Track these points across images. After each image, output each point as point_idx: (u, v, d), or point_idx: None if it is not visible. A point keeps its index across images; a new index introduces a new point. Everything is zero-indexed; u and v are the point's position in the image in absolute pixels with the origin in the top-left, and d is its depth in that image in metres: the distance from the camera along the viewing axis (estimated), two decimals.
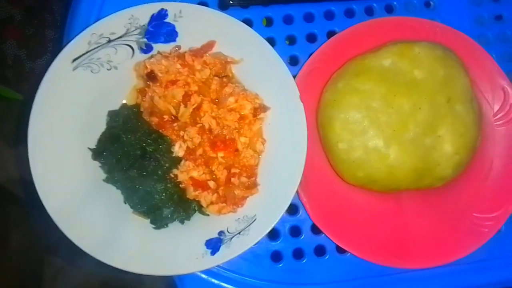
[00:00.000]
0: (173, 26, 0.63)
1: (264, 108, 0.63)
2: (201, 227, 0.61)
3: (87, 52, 0.61)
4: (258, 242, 0.58)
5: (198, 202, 0.61)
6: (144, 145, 0.60)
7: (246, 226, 0.59)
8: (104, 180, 0.61)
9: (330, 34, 0.71)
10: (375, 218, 0.66)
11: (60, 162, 0.59)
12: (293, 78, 0.61)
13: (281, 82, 0.62)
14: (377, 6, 0.73)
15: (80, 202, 0.59)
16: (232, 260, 0.58)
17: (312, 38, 0.71)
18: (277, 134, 0.63)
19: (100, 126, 0.63)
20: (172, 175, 0.61)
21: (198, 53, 0.63)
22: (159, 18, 0.62)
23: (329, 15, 0.72)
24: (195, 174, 0.60)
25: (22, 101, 1.16)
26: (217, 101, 0.63)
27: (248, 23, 0.63)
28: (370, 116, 0.60)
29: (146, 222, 0.61)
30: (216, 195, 0.61)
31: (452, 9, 0.74)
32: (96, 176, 0.61)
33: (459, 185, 0.66)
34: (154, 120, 0.62)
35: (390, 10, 0.73)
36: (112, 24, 0.61)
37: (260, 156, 0.63)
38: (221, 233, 0.59)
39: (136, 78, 0.64)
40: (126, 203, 0.61)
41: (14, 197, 1.23)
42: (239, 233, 0.59)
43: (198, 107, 0.62)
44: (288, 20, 0.72)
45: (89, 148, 0.61)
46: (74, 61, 0.60)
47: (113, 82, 0.63)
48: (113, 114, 0.63)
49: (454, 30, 0.68)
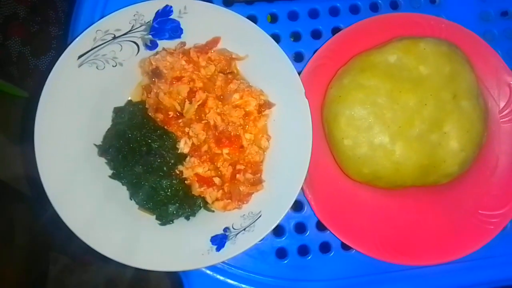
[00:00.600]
0: (178, 23, 0.63)
1: (269, 104, 0.63)
2: (206, 223, 0.61)
3: (93, 48, 0.61)
4: (263, 239, 0.59)
5: (204, 198, 0.61)
6: (149, 141, 0.60)
7: (251, 222, 0.59)
8: (110, 176, 0.61)
9: (335, 30, 0.71)
10: (380, 214, 0.66)
11: (66, 158, 0.59)
12: (298, 74, 0.61)
13: (286, 79, 0.62)
14: (382, 2, 0.73)
15: (86, 198, 0.59)
16: (237, 256, 0.58)
17: (317, 35, 0.71)
18: (282, 130, 0.63)
19: (105, 122, 0.63)
20: (177, 172, 0.61)
21: (203, 49, 0.63)
22: (164, 14, 0.62)
23: (334, 12, 0.72)
24: (200, 170, 0.61)
25: (27, 98, 1.16)
26: (222, 97, 0.63)
27: (252, 20, 0.63)
28: (376, 112, 0.60)
29: (151, 218, 0.61)
30: (221, 192, 0.61)
31: (457, 5, 0.74)
32: (102, 172, 0.61)
33: (465, 182, 0.66)
34: (159, 116, 0.62)
35: (395, 7, 0.73)
36: (117, 20, 0.61)
37: (265, 152, 0.63)
38: (226, 229, 0.59)
39: (141, 74, 0.65)
40: (132, 199, 0.62)
41: (19, 194, 1.23)
42: (244, 229, 0.59)
43: (203, 104, 0.62)
44: (292, 16, 0.72)
45: (95, 144, 0.61)
46: (79, 57, 0.60)
47: (118, 79, 0.63)
48: (118, 111, 0.63)
49: (460, 26, 0.68)
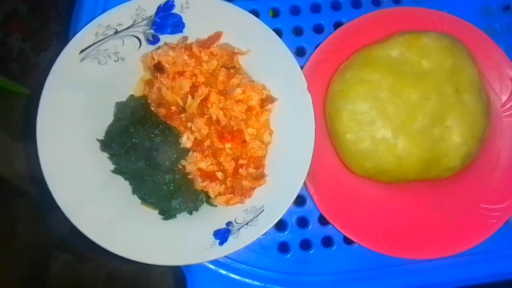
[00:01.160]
0: (179, 17, 0.63)
1: (271, 99, 0.63)
2: (209, 218, 0.61)
3: (94, 43, 0.61)
4: (266, 233, 0.59)
5: (206, 193, 0.61)
6: (152, 136, 0.60)
7: (254, 216, 0.59)
8: (112, 171, 0.62)
9: (337, 25, 0.70)
10: (383, 209, 0.66)
11: (68, 154, 0.59)
12: (300, 69, 0.61)
13: (288, 73, 0.61)
14: None
15: (88, 193, 0.59)
16: (240, 250, 0.58)
17: (319, 29, 0.71)
18: (284, 125, 0.63)
19: (107, 117, 0.63)
20: (180, 166, 0.61)
21: (205, 44, 0.63)
22: (166, 9, 0.62)
23: (336, 6, 0.72)
24: (203, 165, 0.61)
25: (28, 95, 1.16)
26: (224, 92, 0.63)
27: (254, 14, 0.62)
28: (378, 106, 0.60)
29: (154, 213, 0.61)
30: (224, 186, 0.61)
31: None
32: (104, 167, 0.61)
33: (467, 176, 0.66)
34: (162, 111, 0.62)
35: (397, 1, 0.73)
36: (119, 15, 0.61)
37: (267, 147, 0.63)
38: (229, 223, 0.59)
39: (143, 69, 0.64)
40: (134, 194, 0.62)
41: (21, 191, 1.23)
42: (247, 223, 0.59)
43: (206, 98, 0.62)
44: (294, 11, 0.71)
45: (97, 139, 0.61)
46: (81, 52, 0.60)
47: (120, 74, 0.63)
48: (120, 106, 0.63)
49: (462, 21, 0.68)
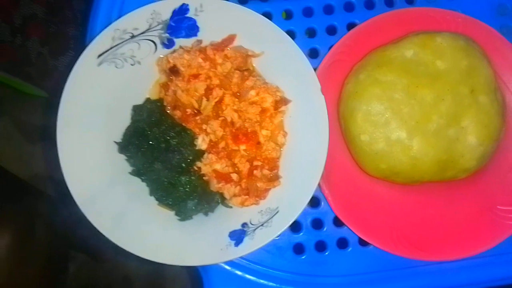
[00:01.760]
0: (194, 21, 0.63)
1: (285, 101, 0.63)
2: (224, 219, 0.62)
3: (112, 47, 0.62)
4: (281, 234, 0.59)
5: (221, 194, 0.62)
6: (168, 138, 0.61)
7: (269, 218, 0.60)
8: (130, 173, 0.63)
9: (350, 26, 0.70)
10: (398, 210, 0.66)
11: (88, 155, 0.61)
12: (314, 70, 0.61)
13: (302, 75, 0.62)
14: None
15: (107, 194, 0.60)
16: (255, 251, 0.58)
17: (332, 31, 0.71)
18: (298, 126, 0.63)
19: (124, 120, 0.64)
20: (195, 168, 0.62)
21: (219, 47, 0.64)
22: (181, 13, 0.63)
23: (349, 7, 0.72)
24: (218, 166, 0.61)
25: (45, 98, 1.18)
26: (238, 94, 0.63)
27: (267, 16, 0.63)
28: (393, 107, 0.60)
29: (171, 214, 0.62)
30: (239, 188, 0.61)
31: None
32: (122, 169, 0.62)
33: (483, 177, 0.66)
34: (177, 113, 0.63)
35: (410, 1, 0.73)
36: (135, 19, 0.62)
37: (281, 148, 0.63)
38: (244, 224, 0.60)
39: (158, 72, 0.65)
40: (151, 196, 0.63)
41: (38, 192, 1.25)
42: (262, 225, 0.59)
43: (220, 101, 0.62)
44: (307, 12, 0.72)
45: (115, 141, 0.62)
46: (99, 56, 0.61)
47: (136, 77, 0.64)
48: (137, 109, 0.64)
49: (476, 21, 0.67)
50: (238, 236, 0.59)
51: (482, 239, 0.64)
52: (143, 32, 0.63)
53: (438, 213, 0.65)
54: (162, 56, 0.64)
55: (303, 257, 0.67)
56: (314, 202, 0.69)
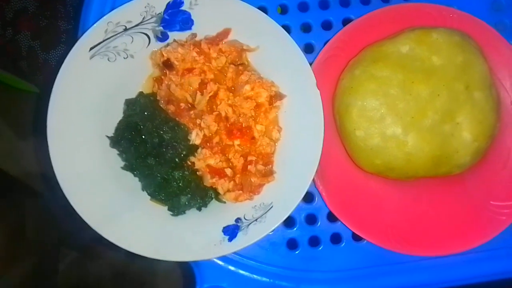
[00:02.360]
0: (188, 14, 0.63)
1: (280, 96, 0.63)
2: (218, 214, 0.61)
3: (104, 40, 0.61)
4: (275, 230, 0.59)
5: (215, 189, 0.61)
6: (161, 133, 0.61)
7: (263, 213, 0.59)
8: (122, 167, 0.62)
9: (346, 21, 0.70)
10: (392, 206, 0.65)
11: (79, 150, 0.60)
12: (309, 65, 0.61)
13: (297, 70, 0.61)
14: None
15: (99, 189, 0.60)
16: (249, 247, 0.58)
17: (327, 26, 0.71)
18: (293, 122, 0.63)
19: (117, 114, 0.63)
20: (189, 163, 0.61)
21: (214, 41, 0.63)
22: (175, 6, 0.62)
23: (344, 2, 0.72)
24: (212, 161, 0.61)
25: (37, 93, 1.17)
26: (233, 89, 0.63)
27: (262, 11, 0.62)
28: (388, 103, 0.60)
29: (164, 209, 0.61)
30: (232, 183, 0.61)
31: None
32: (114, 163, 0.62)
33: (477, 173, 0.66)
34: (171, 108, 0.62)
35: None
36: (128, 12, 0.61)
37: (276, 144, 0.63)
38: (238, 220, 0.60)
39: (152, 66, 0.65)
40: (144, 191, 0.62)
41: (30, 189, 1.24)
42: (256, 220, 0.59)
43: (215, 95, 0.62)
44: (303, 7, 0.71)
45: (107, 136, 0.61)
46: (91, 49, 0.60)
47: (129, 71, 0.63)
48: (130, 103, 0.63)
49: (471, 16, 0.67)
50: (231, 231, 0.59)
51: (475, 234, 0.64)
52: (137, 25, 0.62)
53: (432, 208, 0.66)
54: (155, 49, 0.63)
55: (297, 252, 0.67)
56: (308, 197, 0.68)
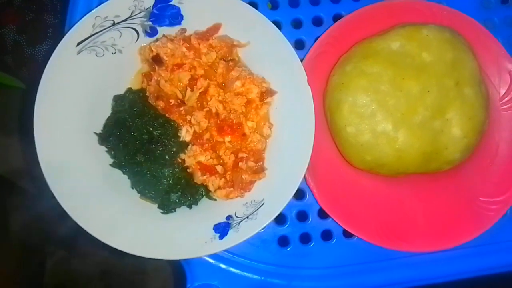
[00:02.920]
0: (178, 9, 0.62)
1: (271, 92, 0.63)
2: (209, 212, 0.61)
3: (92, 35, 0.60)
4: (266, 227, 0.58)
5: (206, 186, 0.61)
6: (150, 129, 0.60)
7: (254, 210, 0.59)
8: (111, 165, 0.61)
9: (337, 17, 0.70)
10: (382, 202, 0.66)
11: (67, 148, 0.59)
12: (300, 61, 0.61)
13: (288, 66, 0.61)
14: None
15: (87, 187, 0.59)
16: (239, 244, 0.58)
17: (318, 22, 0.71)
18: (284, 118, 0.62)
19: (105, 110, 0.62)
20: (179, 160, 0.61)
21: (204, 36, 0.63)
22: (164, 0, 0.61)
23: None
24: (203, 158, 0.60)
25: (23, 89, 1.14)
26: (223, 85, 0.62)
27: (253, 6, 0.62)
28: (379, 99, 0.60)
29: (153, 207, 0.61)
30: (223, 180, 0.60)
31: None
32: (103, 161, 0.61)
33: (466, 169, 0.66)
34: (161, 104, 0.61)
35: None
36: (116, 6, 0.60)
37: (267, 140, 0.63)
38: (229, 217, 0.59)
39: (141, 62, 0.64)
40: (133, 188, 0.61)
41: (16, 188, 1.22)
42: (247, 217, 0.59)
43: (205, 91, 0.61)
44: (293, 3, 0.71)
45: (95, 132, 0.60)
46: (78, 44, 0.59)
47: (118, 66, 0.62)
48: (118, 99, 0.62)
49: (461, 14, 0.68)
50: (222, 229, 0.58)
51: (465, 230, 0.65)
52: (125, 19, 0.61)
53: (422, 204, 0.66)
54: (144, 44, 0.63)
55: (288, 249, 0.67)
56: (299, 194, 0.68)
